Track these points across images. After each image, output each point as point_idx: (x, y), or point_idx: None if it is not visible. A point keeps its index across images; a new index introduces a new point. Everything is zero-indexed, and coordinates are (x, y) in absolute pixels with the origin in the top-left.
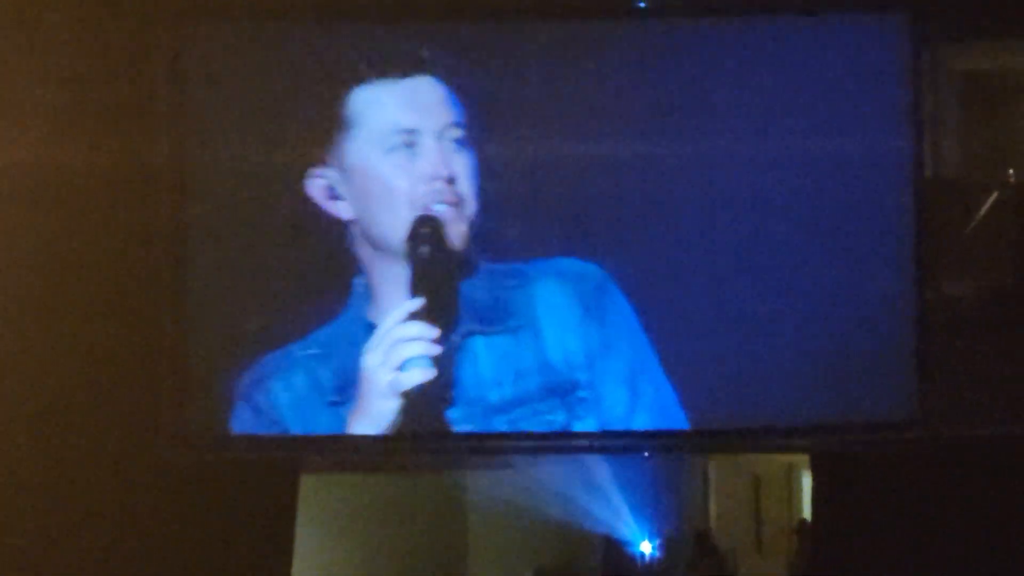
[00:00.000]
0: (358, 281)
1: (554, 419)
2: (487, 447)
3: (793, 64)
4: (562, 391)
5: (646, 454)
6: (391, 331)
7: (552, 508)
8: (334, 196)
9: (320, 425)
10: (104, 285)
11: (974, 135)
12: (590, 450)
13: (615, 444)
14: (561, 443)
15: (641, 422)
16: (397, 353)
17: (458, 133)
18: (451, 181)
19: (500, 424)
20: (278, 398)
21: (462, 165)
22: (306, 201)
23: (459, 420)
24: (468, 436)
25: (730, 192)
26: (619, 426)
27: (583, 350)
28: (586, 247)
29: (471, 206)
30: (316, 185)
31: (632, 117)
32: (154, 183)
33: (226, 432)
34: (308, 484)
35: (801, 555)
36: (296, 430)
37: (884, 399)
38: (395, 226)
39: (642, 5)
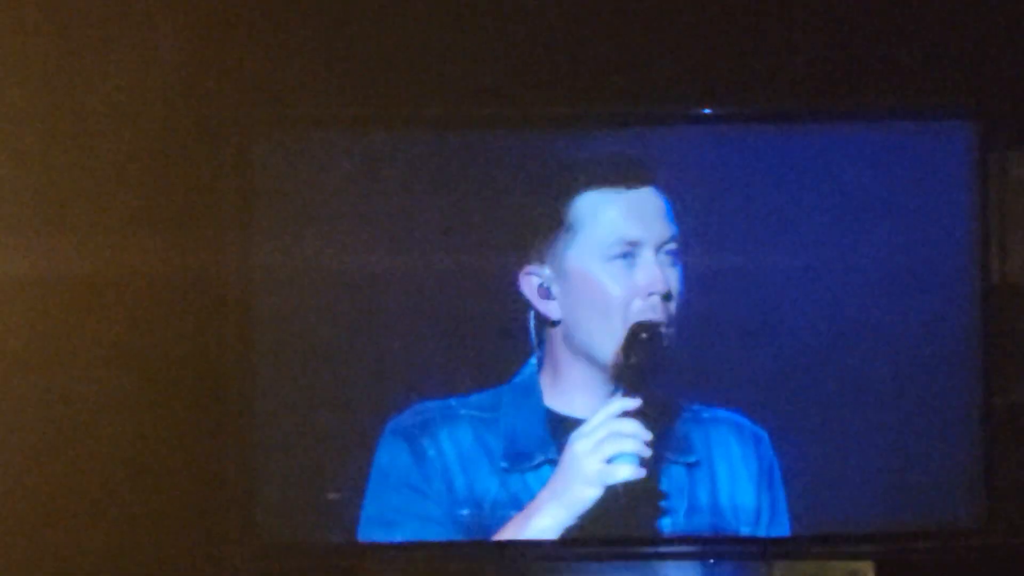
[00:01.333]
0: (532, 360)
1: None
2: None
3: (860, 171)
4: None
5: (711, 560)
6: (607, 423)
7: None
8: (547, 295)
9: (489, 490)
10: (172, 391)
11: None
12: (653, 557)
13: (677, 550)
14: (622, 550)
15: None
16: (612, 445)
17: (675, 248)
18: (667, 297)
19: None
20: (447, 448)
21: (676, 281)
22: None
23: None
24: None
25: (798, 299)
26: None
27: (753, 508)
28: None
29: (676, 325)
30: (529, 282)
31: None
32: (225, 286)
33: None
34: None
35: None
36: (461, 487)
37: (950, 505)
38: (605, 334)
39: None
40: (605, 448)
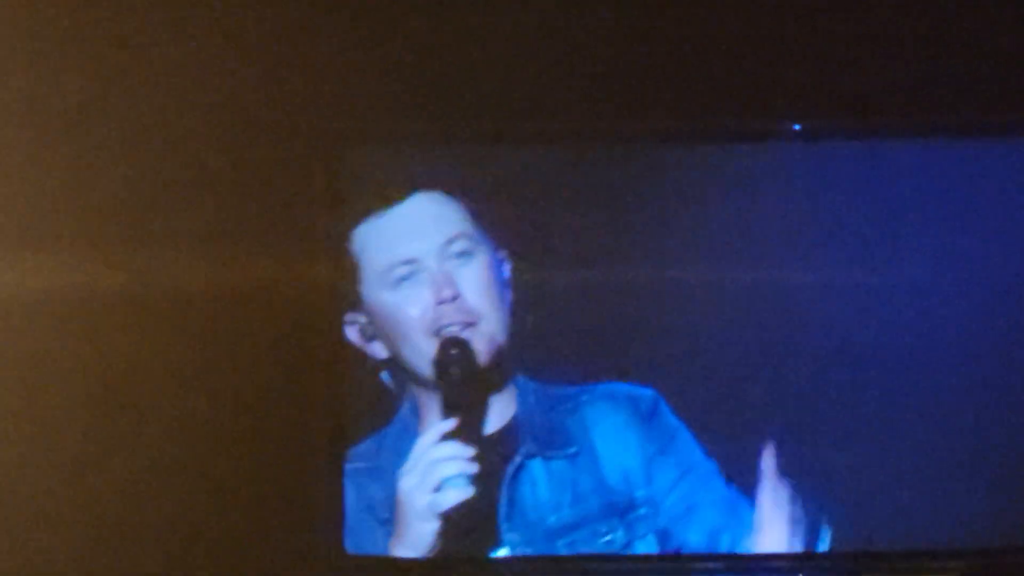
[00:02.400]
0: (405, 402)
1: (614, 539)
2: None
3: (948, 188)
4: (621, 510)
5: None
6: (426, 452)
7: None
8: (368, 337)
9: (376, 544)
10: (263, 403)
11: None
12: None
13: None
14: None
15: (697, 531)
16: (433, 474)
17: (464, 244)
18: (455, 299)
19: (560, 548)
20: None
21: (470, 279)
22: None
23: (518, 543)
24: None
25: (884, 315)
26: (675, 537)
27: (641, 467)
28: (640, 373)
29: (490, 319)
30: (352, 330)
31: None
32: (313, 302)
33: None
34: None
35: None
36: (350, 548)
37: None
38: (420, 356)
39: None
40: (428, 479)
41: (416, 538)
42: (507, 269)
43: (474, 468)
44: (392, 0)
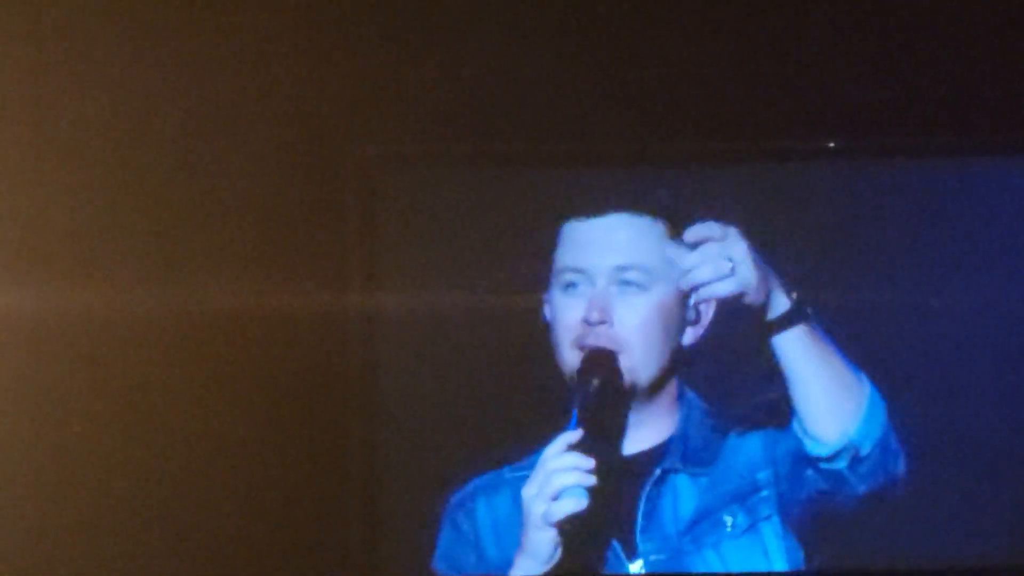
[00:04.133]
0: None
1: (736, 524)
2: None
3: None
4: (743, 495)
5: None
6: (546, 463)
7: None
8: None
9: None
10: (293, 425)
11: None
12: None
13: None
14: None
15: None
16: (551, 483)
17: (635, 275)
18: (602, 323)
19: (686, 544)
20: (481, 518)
21: (627, 310)
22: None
23: (651, 552)
24: None
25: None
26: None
27: (763, 451)
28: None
29: (635, 353)
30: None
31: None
32: (345, 326)
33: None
34: None
35: None
36: (491, 552)
37: None
38: (564, 363)
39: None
40: (547, 488)
41: (534, 548)
42: (702, 310)
43: (592, 480)
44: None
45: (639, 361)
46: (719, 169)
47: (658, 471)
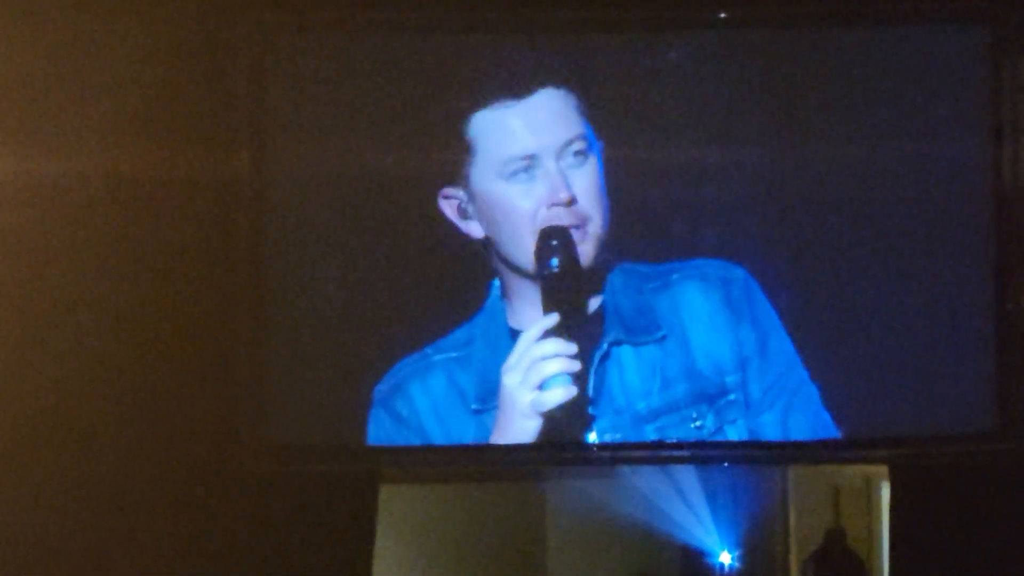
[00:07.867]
0: (495, 283)
1: (704, 425)
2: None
3: (875, 74)
4: (711, 396)
5: (726, 464)
6: (529, 350)
7: (631, 517)
8: (465, 215)
9: (465, 434)
10: (185, 295)
11: None
12: (683, 460)
13: (700, 454)
14: (648, 453)
15: (796, 424)
16: (537, 372)
17: (581, 146)
18: (571, 202)
19: (649, 433)
20: (420, 403)
21: (584, 182)
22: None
23: (606, 430)
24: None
25: (816, 195)
26: (772, 429)
27: (732, 354)
28: (730, 248)
29: (597, 222)
30: (449, 205)
31: (748, 123)
32: (235, 192)
33: (362, 443)
34: (387, 494)
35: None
36: (438, 439)
37: (963, 410)
38: (522, 249)
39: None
40: (531, 377)
41: (518, 435)
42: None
43: (577, 366)
44: None
45: (600, 230)
46: (617, 36)
47: (605, 345)
